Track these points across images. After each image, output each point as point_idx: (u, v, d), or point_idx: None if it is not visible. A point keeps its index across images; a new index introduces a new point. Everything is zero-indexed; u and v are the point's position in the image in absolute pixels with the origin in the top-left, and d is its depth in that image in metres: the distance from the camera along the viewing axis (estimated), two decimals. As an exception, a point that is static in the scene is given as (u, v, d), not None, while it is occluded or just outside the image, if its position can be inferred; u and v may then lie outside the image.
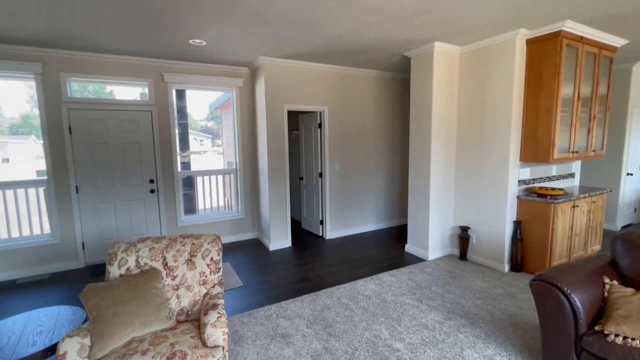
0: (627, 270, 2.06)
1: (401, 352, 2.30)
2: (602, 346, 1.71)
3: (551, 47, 3.19)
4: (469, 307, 2.88)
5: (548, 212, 3.38)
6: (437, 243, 4.11)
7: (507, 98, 3.44)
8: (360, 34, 3.26)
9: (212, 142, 11.34)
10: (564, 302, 1.85)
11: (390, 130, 5.34)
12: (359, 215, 5.22)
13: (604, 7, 2.73)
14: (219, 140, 10.07)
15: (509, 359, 2.21)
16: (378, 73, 5.04)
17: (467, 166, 3.94)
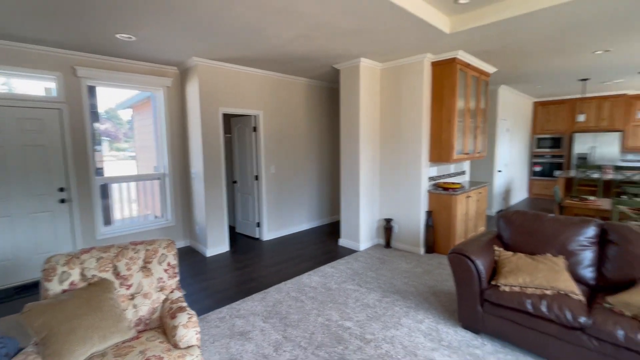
0: (507, 239, 2.79)
1: (352, 328, 2.62)
2: (497, 295, 2.32)
3: (448, 70, 4.00)
4: (399, 285, 3.40)
5: (450, 202, 4.19)
6: (366, 235, 4.63)
7: (418, 109, 4.15)
8: (299, 45, 3.52)
9: (109, 145, 10.00)
10: (471, 266, 2.43)
11: (319, 134, 5.74)
12: (294, 216, 5.45)
13: (480, 45, 3.60)
14: (123, 143, 8.95)
15: (434, 319, 2.74)
16: (309, 81, 5.39)
17: (389, 166, 4.56)
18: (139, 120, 7.72)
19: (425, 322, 2.71)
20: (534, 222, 2.66)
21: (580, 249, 2.42)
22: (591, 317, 1.96)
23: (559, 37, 3.41)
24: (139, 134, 8.08)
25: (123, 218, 5.02)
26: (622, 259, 2.25)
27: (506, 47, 3.74)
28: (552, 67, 4.77)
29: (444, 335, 2.52)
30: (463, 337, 2.48)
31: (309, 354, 2.32)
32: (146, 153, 7.24)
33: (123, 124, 8.63)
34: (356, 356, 2.29)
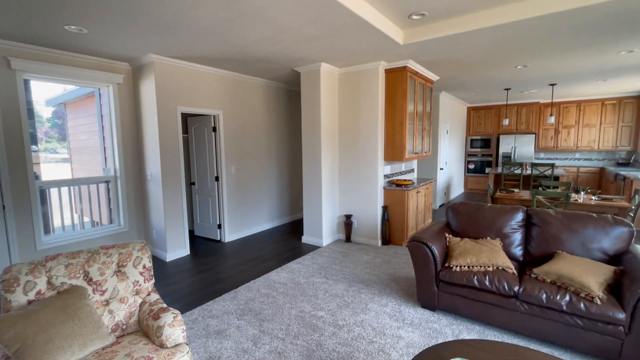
0: (455, 227, 3.21)
1: (324, 317, 2.80)
2: (449, 275, 2.68)
3: (400, 77, 4.40)
4: (363, 275, 3.67)
5: (404, 197, 4.60)
6: (328, 231, 4.85)
7: (374, 112, 4.48)
8: (263, 47, 3.60)
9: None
10: (427, 252, 2.77)
11: (279, 134, 5.82)
12: (256, 216, 5.47)
13: (427, 56, 4.04)
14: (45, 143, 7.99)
15: (397, 302, 3.04)
16: (269, 82, 5.44)
17: (348, 166, 4.84)
18: (74, 119, 7.00)
19: (389, 305, 2.99)
20: (476, 212, 3.11)
21: (512, 231, 2.90)
22: (522, 286, 2.39)
23: (489, 53, 3.99)
24: (74, 133, 7.32)
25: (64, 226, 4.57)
26: (542, 238, 2.76)
27: (448, 59, 4.25)
28: (483, 77, 5.49)
29: (406, 315, 2.82)
30: (422, 315, 2.81)
31: (288, 343, 2.44)
32: (85, 155, 6.61)
33: (43, 122, 7.68)
34: (332, 341, 2.47)
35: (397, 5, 2.86)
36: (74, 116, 6.92)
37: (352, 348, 2.38)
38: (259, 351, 2.36)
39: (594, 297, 2.13)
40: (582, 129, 8.00)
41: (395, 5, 2.87)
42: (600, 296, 2.13)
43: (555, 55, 4.15)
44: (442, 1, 2.78)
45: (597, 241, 2.53)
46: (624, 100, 7.49)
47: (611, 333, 2.07)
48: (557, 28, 3.13)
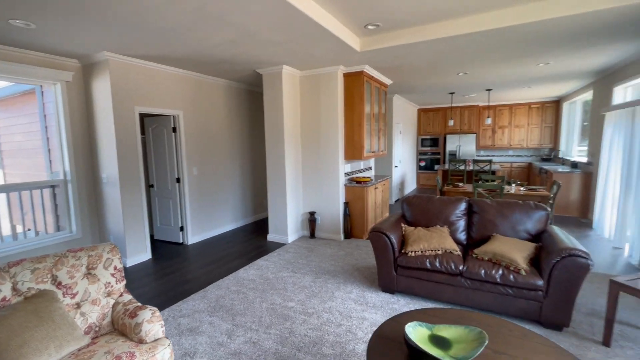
0: (409, 217, 3.57)
1: (295, 307, 2.97)
2: (406, 260, 3.00)
3: (358, 81, 4.71)
4: (328, 267, 3.90)
5: (363, 193, 4.92)
6: (293, 228, 5.01)
7: (334, 114, 4.74)
8: (225, 49, 3.66)
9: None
10: (386, 240, 3.07)
11: (241, 135, 5.85)
12: (220, 217, 5.44)
13: (381, 62, 4.39)
14: None
15: (360, 288, 3.31)
16: (230, 83, 5.45)
17: (311, 165, 5.05)
18: (5, 119, 6.37)
19: (353, 292, 3.25)
20: (427, 203, 3.49)
21: (457, 219, 3.32)
22: (466, 265, 2.78)
23: (434, 62, 4.45)
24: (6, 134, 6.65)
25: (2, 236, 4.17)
26: (481, 223, 3.20)
27: (399, 66, 4.64)
28: (430, 82, 6.03)
29: (369, 299, 3.09)
30: (383, 298, 3.10)
31: (262, 333, 2.57)
32: (21, 158, 6.05)
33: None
34: (303, 327, 2.65)
35: (354, 16, 3.12)
36: (4, 116, 6.29)
37: (322, 332, 2.58)
38: (234, 343, 2.46)
39: (520, 269, 2.57)
40: (513, 129, 9.07)
41: (353, 16, 3.13)
42: (525, 268, 2.57)
43: (488, 65, 4.75)
44: (394, 14, 3.10)
45: (522, 224, 3.01)
46: (545, 104, 8.65)
47: (533, 297, 2.52)
48: (488, 43, 3.62)
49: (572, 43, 3.71)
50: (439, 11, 3.05)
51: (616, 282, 2.24)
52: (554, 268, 2.42)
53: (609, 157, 4.80)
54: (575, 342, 2.37)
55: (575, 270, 2.34)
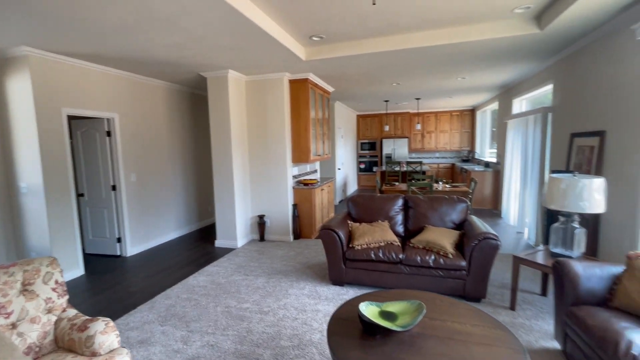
0: (355, 215, 3.88)
1: (250, 307, 3.03)
2: (353, 253, 3.28)
3: (303, 87, 4.93)
4: (280, 268, 4.01)
5: (310, 195, 5.15)
6: (242, 233, 5.01)
7: (281, 118, 4.89)
8: (170, 52, 3.56)
9: None
10: (335, 237, 3.31)
11: (184, 139, 5.63)
12: (163, 225, 5.17)
13: (324, 71, 4.68)
14: None
15: (312, 284, 3.50)
16: (172, 85, 5.23)
17: (258, 169, 5.11)
18: None
19: (306, 288, 3.42)
20: (370, 201, 3.84)
21: (395, 214, 3.72)
22: (404, 254, 3.16)
23: (371, 73, 4.89)
24: None
25: None
26: (415, 217, 3.65)
27: (341, 75, 4.99)
28: (368, 91, 6.55)
29: (321, 293, 3.30)
30: (334, 290, 3.33)
31: (219, 336, 2.59)
32: None
33: None
34: (260, 325, 2.74)
35: (300, 28, 3.33)
36: None
37: (279, 327, 2.70)
38: (191, 348, 2.44)
39: (448, 253, 3.02)
40: (439, 134, 10.22)
41: (299, 28, 3.34)
42: (452, 252, 3.03)
43: (417, 78, 5.37)
44: (336, 29, 3.39)
45: (448, 215, 3.52)
46: (463, 112, 9.93)
47: (459, 277, 2.98)
48: (415, 58, 4.14)
49: (480, 62, 4.44)
50: (374, 29, 3.42)
51: (517, 257, 2.79)
52: (473, 250, 2.90)
53: (511, 158, 5.77)
54: (490, 309, 2.88)
55: (488, 250, 2.85)
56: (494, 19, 3.25)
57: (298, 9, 2.90)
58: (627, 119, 2.86)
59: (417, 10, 2.98)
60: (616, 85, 3.01)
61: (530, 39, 3.47)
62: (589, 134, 3.42)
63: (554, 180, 2.63)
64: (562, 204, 2.56)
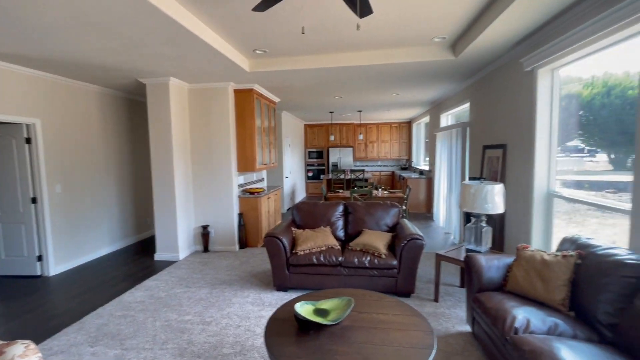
0: (299, 222, 4.04)
1: (192, 319, 2.99)
2: (296, 258, 3.42)
3: (248, 97, 5.00)
4: (224, 278, 3.99)
5: (257, 204, 5.19)
6: (184, 244, 4.85)
7: (226, 127, 4.89)
8: (106, 56, 3.41)
9: None
10: (279, 243, 3.43)
11: (120, 147, 5.30)
12: (93, 240, 4.78)
13: (269, 83, 4.83)
14: None
15: (257, 291, 3.55)
16: (105, 90, 4.92)
17: (203, 178, 5.02)
18: None
19: (250, 296, 3.47)
20: (313, 208, 4.03)
21: (336, 219, 3.96)
22: (344, 256, 3.39)
23: (315, 86, 5.15)
24: None
25: None
26: (355, 221, 3.92)
27: (285, 87, 5.17)
28: (313, 102, 6.82)
29: (265, 299, 3.37)
30: (278, 296, 3.43)
31: (157, 350, 2.53)
32: None
33: None
34: (202, 336, 2.72)
35: (244, 41, 3.44)
36: None
37: (222, 335, 2.72)
38: (126, 366, 2.35)
39: (382, 254, 3.32)
40: (380, 144, 10.93)
41: (243, 41, 3.44)
42: (385, 253, 3.33)
43: (356, 92, 5.77)
44: (278, 44, 3.56)
45: (383, 219, 3.86)
46: (401, 124, 10.78)
47: (391, 275, 3.29)
48: (353, 75, 4.49)
49: (409, 81, 4.96)
50: (314, 47, 3.67)
51: (438, 254, 3.19)
52: (402, 250, 3.23)
53: (439, 166, 6.46)
54: (418, 302, 3.22)
55: (415, 249, 3.20)
56: (417, 45, 3.70)
57: (240, 25, 3.02)
58: (520, 135, 3.46)
59: (352, 33, 3.28)
60: (512, 106, 3.63)
61: (448, 63, 4.01)
62: (495, 146, 4.03)
63: (465, 186, 3.07)
64: (472, 207, 3.00)
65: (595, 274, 1.96)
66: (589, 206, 2.72)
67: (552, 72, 3.11)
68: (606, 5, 2.23)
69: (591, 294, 1.94)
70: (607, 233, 2.67)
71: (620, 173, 2.52)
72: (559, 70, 3.07)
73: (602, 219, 2.81)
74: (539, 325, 1.90)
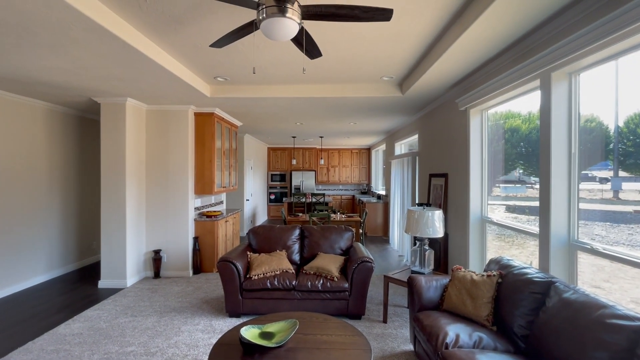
0: (255, 246, 4.05)
1: (135, 350, 2.84)
2: (250, 283, 3.42)
3: (209, 121, 5.05)
4: (174, 305, 3.84)
5: (214, 227, 5.12)
6: (133, 270, 4.61)
7: (184, 149, 4.86)
8: (57, 75, 3.33)
9: None
10: (233, 268, 3.41)
11: (65, 168, 5.02)
12: (25, 267, 4.37)
13: (230, 108, 4.94)
14: None
15: (208, 318, 3.46)
16: (54, 107, 4.70)
17: (157, 200, 4.88)
18: None
19: (201, 323, 3.37)
20: (269, 232, 4.08)
21: (292, 243, 4.04)
22: (297, 280, 3.45)
23: (275, 113, 5.35)
24: None
25: None
26: (310, 245, 4.02)
27: (247, 112, 5.31)
28: (275, 127, 7.01)
29: (216, 326, 3.30)
30: (230, 322, 3.37)
31: (93, 386, 2.37)
32: None
33: None
34: (145, 368, 2.60)
35: (204, 69, 3.55)
36: None
37: (167, 366, 2.61)
38: (55, 405, 2.17)
39: (334, 277, 3.43)
40: (342, 169, 11.31)
41: (203, 69, 3.56)
42: (337, 276, 3.45)
43: (316, 120, 6.06)
44: (238, 74, 3.72)
45: (337, 242, 4.01)
46: (362, 150, 11.29)
47: (343, 297, 3.40)
48: (311, 105, 4.76)
49: (364, 113, 5.34)
50: (273, 78, 3.88)
51: (386, 276, 3.37)
52: (354, 272, 3.37)
53: (394, 191, 6.85)
54: (368, 324, 3.34)
55: (365, 271, 3.36)
56: (369, 81, 4.05)
57: (201, 55, 3.14)
58: (457, 165, 3.86)
59: (307, 68, 3.54)
60: (451, 139, 4.06)
61: (396, 100, 4.42)
62: (439, 175, 4.43)
63: (410, 212, 3.34)
64: (415, 231, 3.26)
65: (512, 291, 2.23)
66: (514, 231, 3.08)
67: (481, 112, 3.57)
68: (518, 61, 2.69)
69: (509, 309, 2.20)
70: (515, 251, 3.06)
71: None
72: (487, 111, 3.53)
73: (535, 242, 3.18)
74: (467, 340, 2.10)
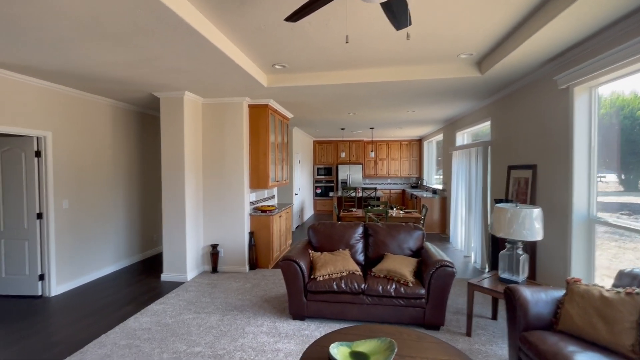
0: (315, 243, 3.81)
1: (202, 351, 2.73)
2: (315, 284, 3.18)
3: (263, 113, 4.89)
4: (235, 303, 3.73)
5: (269, 222, 4.98)
6: (193, 264, 4.62)
7: (239, 143, 4.75)
8: (120, 70, 3.31)
9: None
10: (297, 268, 3.19)
11: (130, 162, 5.17)
12: (98, 258, 4.57)
13: (284, 98, 4.72)
14: None
15: (271, 320, 3.29)
16: (118, 103, 4.83)
17: (213, 195, 4.84)
18: None
19: (265, 324, 3.21)
20: (330, 229, 3.81)
21: (356, 242, 3.73)
22: (366, 283, 3.14)
23: (329, 103, 5.04)
24: None
25: None
26: (375, 244, 3.69)
27: (300, 102, 5.06)
28: (325, 118, 6.72)
29: (281, 329, 3.11)
30: (295, 325, 3.16)
31: (166, 389, 2.27)
32: None
33: None
34: (214, 372, 2.46)
35: (264, 55, 3.33)
36: None
37: (237, 372, 2.46)
38: (131, 408, 2.10)
39: (408, 281, 3.07)
40: (390, 161, 10.76)
41: (262, 55, 3.34)
42: (412, 280, 3.08)
43: (371, 109, 5.65)
44: (299, 59, 3.45)
45: (406, 242, 3.62)
46: (412, 142, 10.64)
47: (419, 305, 3.03)
48: (373, 92, 4.37)
49: (429, 98, 4.83)
50: (335, 63, 3.55)
51: (472, 284, 2.93)
52: (431, 278, 2.99)
53: (456, 185, 6.24)
54: (449, 337, 2.94)
55: (445, 277, 2.95)
56: (442, 61, 3.57)
57: (263, 39, 2.91)
58: (553, 155, 3.26)
59: (377, 49, 3.17)
60: (543, 125, 3.45)
61: (472, 81, 3.88)
62: (523, 167, 3.83)
63: (500, 210, 2.85)
64: (508, 232, 2.77)
65: (672, 316, 1.71)
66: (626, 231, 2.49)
67: (590, 90, 2.94)
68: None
69: (668, 341, 1.69)
70: (629, 257, 2.61)
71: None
72: (597, 88, 2.91)
73: (620, 242, 2.75)
74: (610, 377, 1.64)
